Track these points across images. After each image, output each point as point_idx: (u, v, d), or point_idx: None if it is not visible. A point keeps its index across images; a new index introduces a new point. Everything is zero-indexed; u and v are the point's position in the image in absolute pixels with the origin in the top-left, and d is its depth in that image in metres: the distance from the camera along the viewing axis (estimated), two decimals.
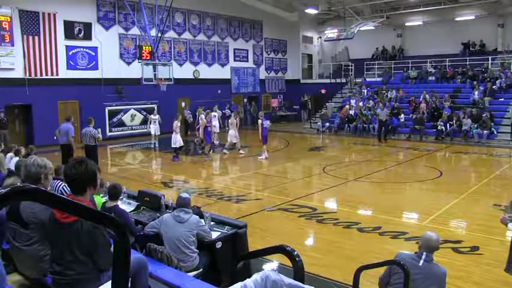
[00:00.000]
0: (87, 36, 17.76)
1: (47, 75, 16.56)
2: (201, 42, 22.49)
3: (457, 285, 4.43)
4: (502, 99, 18.83)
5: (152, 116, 16.92)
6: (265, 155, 13.65)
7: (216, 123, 16.64)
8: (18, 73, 15.83)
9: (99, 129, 10.98)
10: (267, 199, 8.93)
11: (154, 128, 16.48)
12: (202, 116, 14.38)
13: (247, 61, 25.20)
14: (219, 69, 23.49)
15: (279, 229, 7.06)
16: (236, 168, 13.00)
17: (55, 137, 11.32)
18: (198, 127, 14.82)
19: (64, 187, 4.59)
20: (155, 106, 19.97)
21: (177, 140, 13.26)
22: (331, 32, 26.56)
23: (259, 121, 13.58)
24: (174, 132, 13.27)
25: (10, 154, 8.47)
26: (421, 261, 3.51)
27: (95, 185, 2.68)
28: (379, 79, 24.48)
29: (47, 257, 2.97)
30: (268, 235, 6.61)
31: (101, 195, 4.78)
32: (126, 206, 5.15)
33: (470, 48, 24.87)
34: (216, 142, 16.47)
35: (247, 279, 2.13)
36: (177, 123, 13.34)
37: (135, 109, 19.67)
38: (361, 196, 9.47)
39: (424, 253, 3.55)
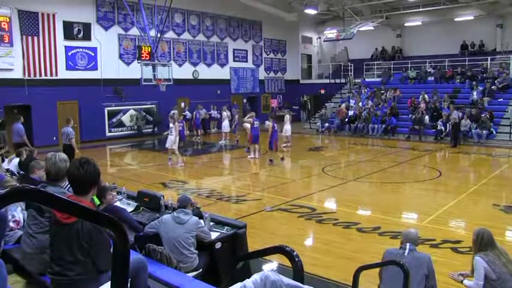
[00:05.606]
0: (87, 37, 17.75)
1: (46, 75, 16.55)
2: (201, 42, 22.48)
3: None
4: (501, 100, 18.85)
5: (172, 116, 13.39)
6: (254, 155, 13.44)
7: (226, 123, 17.84)
8: (17, 73, 15.82)
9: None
10: (266, 199, 8.94)
11: (171, 139, 12.55)
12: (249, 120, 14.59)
13: (246, 61, 25.17)
14: (219, 69, 23.48)
15: (278, 229, 7.06)
16: (236, 168, 12.99)
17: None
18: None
19: None
20: (154, 106, 20.04)
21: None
22: (330, 33, 26.52)
23: (251, 120, 13.49)
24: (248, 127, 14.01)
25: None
26: (406, 251, 3.85)
27: (98, 185, 2.71)
28: (378, 79, 24.50)
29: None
30: (268, 235, 6.61)
31: None
32: (125, 206, 5.14)
33: (469, 49, 24.89)
34: (224, 141, 17.57)
35: (247, 279, 2.13)
36: (252, 121, 14.07)
37: (134, 109, 19.68)
38: (361, 196, 9.47)
39: (407, 244, 3.89)
